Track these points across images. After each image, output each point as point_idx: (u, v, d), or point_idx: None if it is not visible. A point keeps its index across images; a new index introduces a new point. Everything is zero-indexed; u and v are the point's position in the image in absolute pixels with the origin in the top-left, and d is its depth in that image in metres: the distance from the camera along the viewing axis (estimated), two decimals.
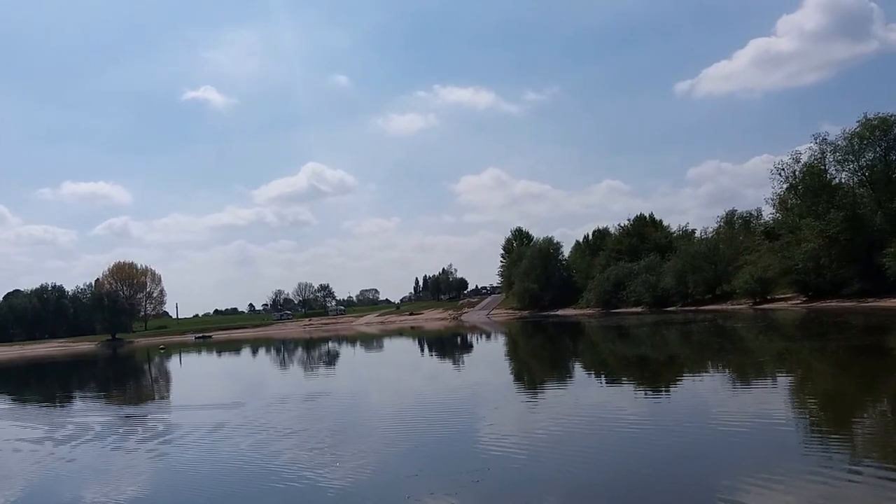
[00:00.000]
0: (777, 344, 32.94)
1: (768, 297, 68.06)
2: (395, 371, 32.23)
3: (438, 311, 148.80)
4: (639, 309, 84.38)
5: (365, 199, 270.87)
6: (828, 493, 7.93)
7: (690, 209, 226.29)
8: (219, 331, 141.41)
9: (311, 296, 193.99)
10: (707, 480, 8.82)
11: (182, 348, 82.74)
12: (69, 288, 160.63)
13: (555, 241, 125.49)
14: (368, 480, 10.34)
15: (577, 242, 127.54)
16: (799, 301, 63.47)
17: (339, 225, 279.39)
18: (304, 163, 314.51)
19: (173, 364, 52.76)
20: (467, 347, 50.10)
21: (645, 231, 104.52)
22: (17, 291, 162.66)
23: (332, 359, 46.36)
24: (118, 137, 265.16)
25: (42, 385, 40.58)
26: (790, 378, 20.10)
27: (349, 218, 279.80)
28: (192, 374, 40.82)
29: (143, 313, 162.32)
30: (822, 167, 62.70)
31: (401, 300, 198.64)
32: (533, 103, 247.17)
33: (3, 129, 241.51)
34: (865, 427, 11.98)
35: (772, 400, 15.07)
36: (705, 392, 17.15)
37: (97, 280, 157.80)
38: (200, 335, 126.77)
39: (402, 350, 53.53)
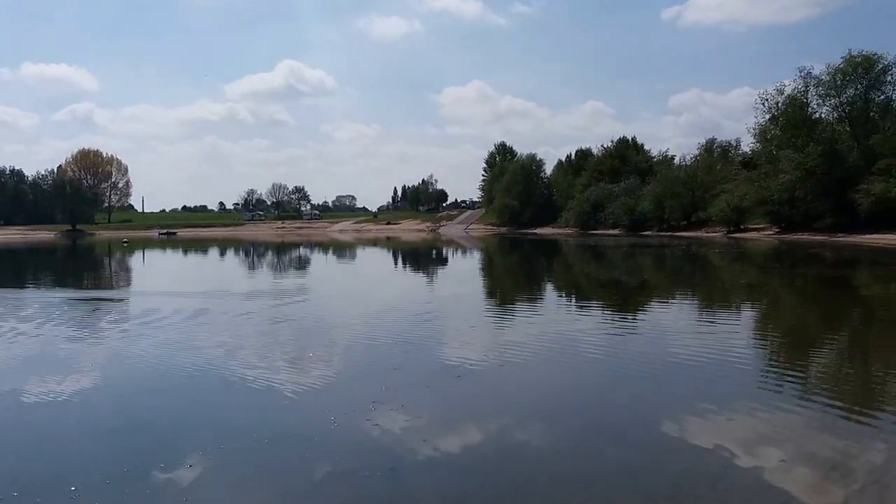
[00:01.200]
0: (747, 274, 33.76)
1: (742, 227, 69.56)
2: (366, 282, 32.34)
3: (416, 222, 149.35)
4: (616, 231, 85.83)
5: (345, 102, 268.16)
6: (774, 424, 8.10)
7: (671, 137, 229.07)
8: (186, 228, 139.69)
9: (286, 198, 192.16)
10: (656, 409, 8.96)
11: (146, 244, 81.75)
12: (29, 173, 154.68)
13: (538, 159, 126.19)
14: (338, 379, 10.56)
15: (560, 161, 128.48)
16: (772, 232, 65.05)
17: (318, 128, 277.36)
18: (280, 60, 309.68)
19: (135, 260, 52.15)
20: (443, 261, 50.51)
21: (627, 154, 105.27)
22: None
23: (303, 265, 46.23)
24: (84, 19, 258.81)
25: None
26: (756, 309, 20.73)
27: (328, 121, 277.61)
28: (154, 271, 40.91)
29: (107, 204, 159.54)
30: (805, 100, 63.55)
31: (378, 209, 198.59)
32: (521, 16, 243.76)
33: None
34: (822, 362, 12.29)
35: (735, 331, 15.45)
36: (671, 320, 17.55)
37: (59, 167, 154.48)
38: (165, 231, 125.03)
39: (375, 261, 53.73)
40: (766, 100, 65.09)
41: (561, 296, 25.37)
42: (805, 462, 6.78)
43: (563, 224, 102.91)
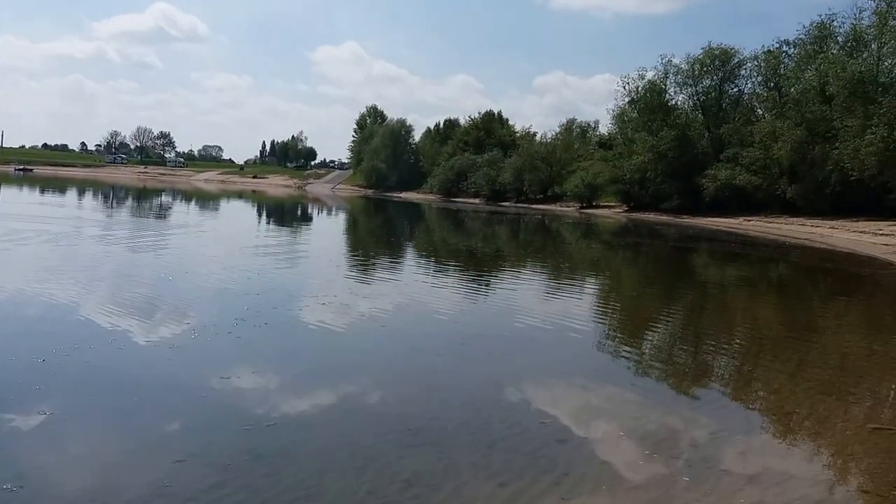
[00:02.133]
0: (595, 248, 35.13)
1: (595, 203, 72.10)
2: (228, 232, 31.77)
3: (283, 177, 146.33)
4: (477, 200, 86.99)
5: (217, 51, 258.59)
6: (606, 397, 8.33)
7: (534, 115, 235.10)
8: (45, 166, 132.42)
9: (150, 143, 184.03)
10: (496, 374, 9.04)
11: (2, 180, 77.37)
12: None
13: (407, 124, 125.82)
14: (165, 343, 9.65)
15: (428, 129, 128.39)
16: (621, 210, 67.89)
17: (188, 75, 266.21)
18: (152, 1, 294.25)
19: None
20: (307, 219, 49.76)
21: (492, 126, 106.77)
22: None
23: (162, 212, 44.16)
24: None
25: None
26: (599, 281, 21.53)
27: (199, 69, 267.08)
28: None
29: None
30: (664, 87, 66.28)
31: (245, 162, 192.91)
32: None
33: None
34: (656, 336, 12.76)
35: (577, 303, 15.97)
36: (519, 288, 17.98)
37: None
38: (21, 167, 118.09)
39: (239, 213, 52.27)
40: (627, 83, 67.30)
41: (418, 259, 25.43)
42: (632, 435, 6.77)
43: (428, 190, 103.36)
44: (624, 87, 67.40)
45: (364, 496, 5.31)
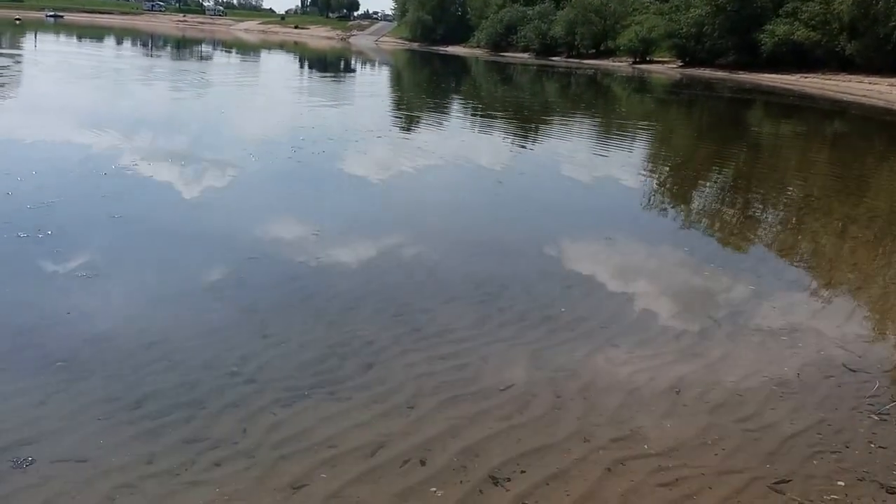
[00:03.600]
0: (647, 102, 34.28)
1: (648, 59, 70.29)
2: (273, 83, 31.44)
3: (325, 28, 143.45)
4: (526, 55, 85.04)
5: None
6: (649, 255, 8.25)
7: None
8: (82, 13, 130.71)
9: None
10: (540, 229, 9.02)
11: (39, 27, 76.84)
12: None
13: None
14: (231, 181, 9.80)
15: None
16: (675, 65, 66.08)
17: None
18: None
19: (27, 42, 47.18)
20: (351, 71, 49.24)
21: None
22: None
23: (204, 63, 43.61)
24: None
25: None
26: (651, 136, 21.05)
27: None
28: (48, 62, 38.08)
29: None
30: None
31: (286, 12, 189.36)
32: None
33: None
34: (706, 190, 12.79)
35: (628, 159, 15.66)
36: (568, 143, 17.62)
37: None
38: (52, 13, 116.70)
39: (280, 66, 51.48)
40: None
41: (464, 112, 25.13)
42: (674, 291, 6.85)
43: (475, 44, 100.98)
44: None
45: (435, 290, 6.02)
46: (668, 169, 15.28)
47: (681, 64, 65.46)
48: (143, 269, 6.27)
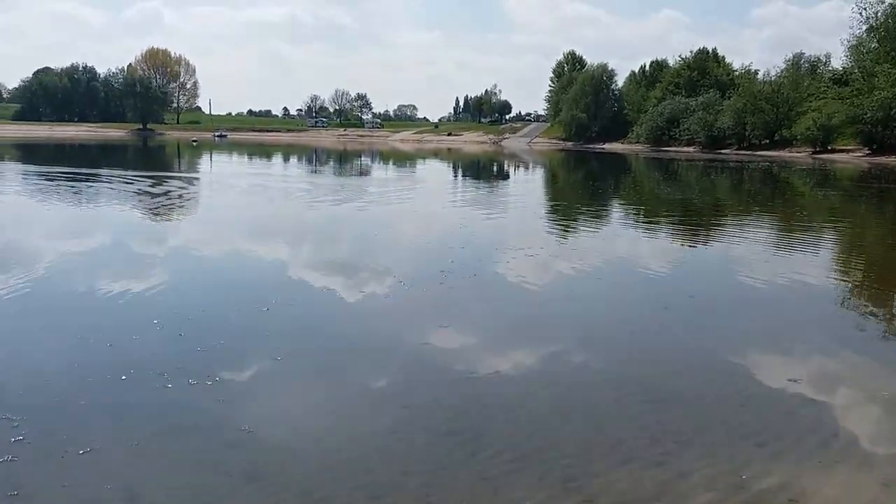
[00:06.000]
0: (833, 197, 31.87)
1: (829, 147, 66.58)
2: (428, 191, 32.02)
3: (478, 133, 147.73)
4: (691, 149, 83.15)
5: (407, 6, 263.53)
6: (844, 363, 7.57)
7: (752, 52, 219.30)
8: (250, 132, 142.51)
9: (348, 105, 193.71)
10: (720, 340, 8.45)
11: (212, 146, 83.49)
12: (101, 71, 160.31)
13: (609, 69, 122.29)
14: (376, 301, 9.76)
15: (633, 73, 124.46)
16: (862, 154, 62.06)
17: (379, 33, 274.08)
18: None
19: (203, 159, 52.57)
20: (504, 175, 49.56)
21: (706, 66, 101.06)
22: (47, 69, 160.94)
23: (364, 172, 46.35)
24: None
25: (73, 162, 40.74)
26: (839, 238, 19.17)
27: (390, 27, 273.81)
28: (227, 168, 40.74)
29: (175, 105, 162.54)
30: None
31: (439, 120, 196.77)
32: None
33: None
34: None
35: (813, 261, 14.41)
36: (742, 244, 16.52)
37: (130, 65, 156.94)
38: (219, 134, 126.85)
39: (435, 172, 53.20)
40: (865, 9, 61.26)
41: (625, 214, 24.42)
42: (875, 403, 6.33)
43: (634, 139, 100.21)
44: (861, 14, 61.49)
45: (607, 449, 5.29)
46: (860, 272, 13.75)
47: (868, 152, 61.50)
48: (314, 415, 6.07)
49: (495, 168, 58.67)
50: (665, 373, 7.06)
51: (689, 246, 16.40)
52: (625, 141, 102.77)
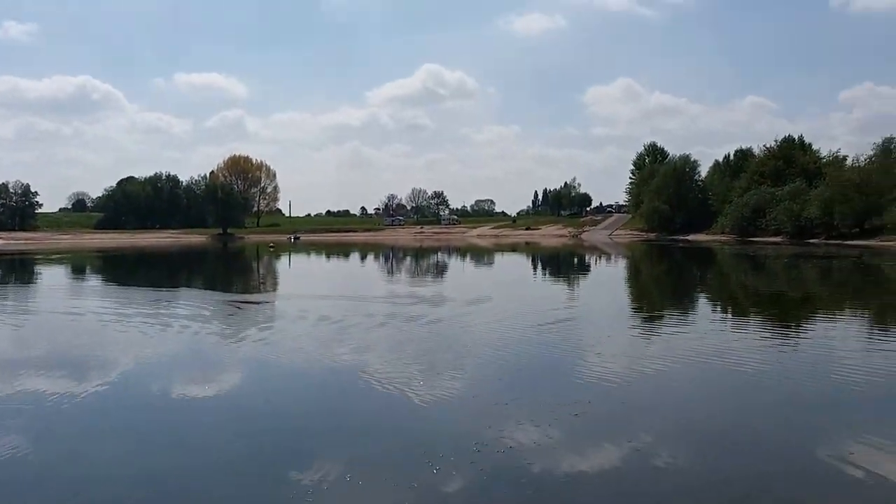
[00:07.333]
0: None
1: None
2: (502, 290, 32.07)
3: (557, 227, 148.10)
4: (778, 239, 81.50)
5: (484, 104, 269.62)
6: None
7: (841, 135, 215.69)
8: (329, 233, 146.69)
9: (425, 203, 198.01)
10: (818, 437, 8.60)
11: (290, 249, 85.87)
12: (183, 179, 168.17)
13: (692, 160, 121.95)
14: (452, 402, 10.38)
15: (716, 162, 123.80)
16: None
17: (457, 131, 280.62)
18: (420, 64, 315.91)
19: (281, 265, 54.64)
20: (584, 269, 49.62)
21: (792, 154, 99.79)
22: (131, 178, 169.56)
23: (439, 271, 46.72)
24: (234, 28, 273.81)
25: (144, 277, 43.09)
26: None
27: (467, 124, 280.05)
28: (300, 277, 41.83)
29: (256, 209, 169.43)
30: None
31: (518, 213, 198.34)
32: (672, 7, 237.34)
33: (118, 15, 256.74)
34: None
35: None
36: (836, 337, 16.49)
37: (212, 172, 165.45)
38: (293, 236, 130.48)
39: (512, 267, 53.66)
40: None
41: (713, 309, 24.35)
42: None
43: (719, 230, 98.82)
44: None
45: None
46: None
47: None
48: None
49: (575, 261, 58.01)
50: (766, 479, 7.43)
51: (780, 342, 16.16)
52: (709, 232, 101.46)
